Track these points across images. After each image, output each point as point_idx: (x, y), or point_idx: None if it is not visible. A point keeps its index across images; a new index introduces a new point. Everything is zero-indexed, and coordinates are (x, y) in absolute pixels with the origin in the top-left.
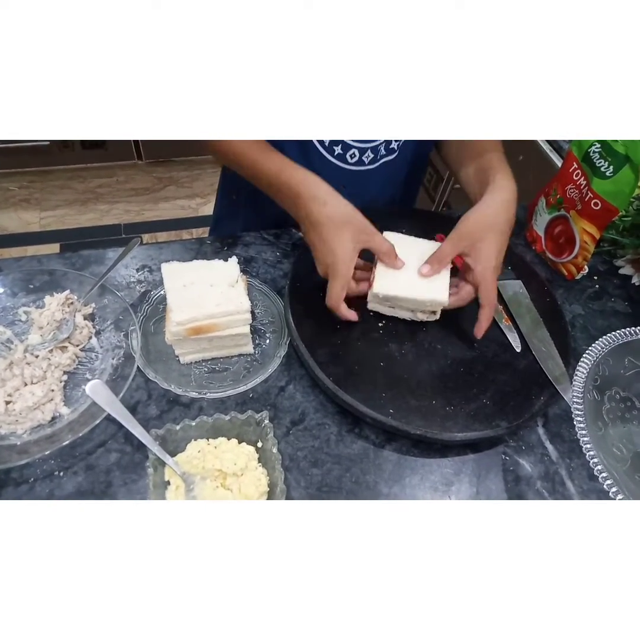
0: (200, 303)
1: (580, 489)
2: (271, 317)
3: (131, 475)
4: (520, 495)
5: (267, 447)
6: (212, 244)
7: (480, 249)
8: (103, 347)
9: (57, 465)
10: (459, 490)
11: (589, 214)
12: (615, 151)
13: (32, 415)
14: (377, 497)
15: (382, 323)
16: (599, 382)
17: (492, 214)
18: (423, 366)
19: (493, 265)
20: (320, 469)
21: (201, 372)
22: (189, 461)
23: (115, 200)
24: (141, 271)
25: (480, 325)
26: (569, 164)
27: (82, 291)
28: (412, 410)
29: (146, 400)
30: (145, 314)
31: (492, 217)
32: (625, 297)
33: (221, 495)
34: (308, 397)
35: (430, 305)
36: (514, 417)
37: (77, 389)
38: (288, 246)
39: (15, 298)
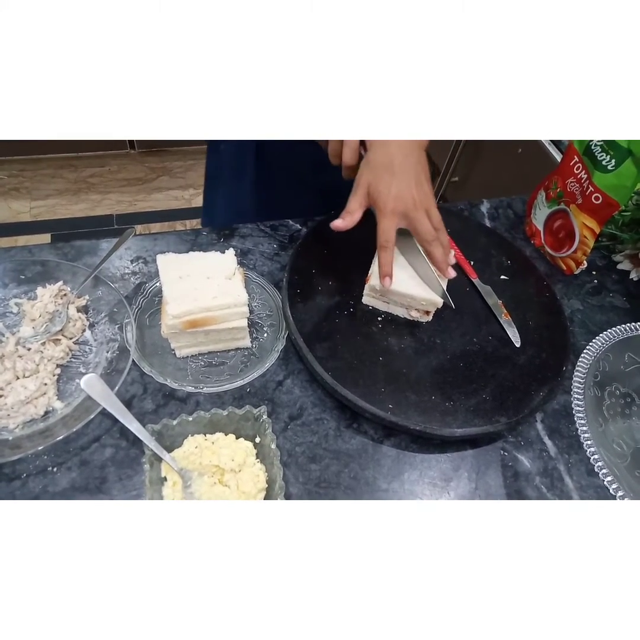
0: (197, 296)
1: (578, 484)
2: (269, 310)
3: (126, 470)
4: (519, 490)
5: (265, 443)
6: (208, 235)
7: (375, 192)
8: (97, 340)
9: (50, 460)
10: (458, 486)
11: (589, 208)
12: (618, 145)
13: (25, 409)
14: (376, 493)
15: (381, 317)
16: (599, 378)
17: (375, 157)
18: (422, 361)
19: (389, 210)
20: (319, 465)
21: (197, 366)
22: (186, 457)
23: (107, 190)
24: (136, 262)
25: (380, 270)
26: (569, 158)
27: (76, 282)
28: (411, 405)
29: (142, 395)
30: (140, 307)
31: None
32: (623, 293)
33: (219, 492)
34: (306, 392)
35: (424, 305)
36: (514, 412)
37: (70, 382)
38: (285, 238)
39: (6, 289)
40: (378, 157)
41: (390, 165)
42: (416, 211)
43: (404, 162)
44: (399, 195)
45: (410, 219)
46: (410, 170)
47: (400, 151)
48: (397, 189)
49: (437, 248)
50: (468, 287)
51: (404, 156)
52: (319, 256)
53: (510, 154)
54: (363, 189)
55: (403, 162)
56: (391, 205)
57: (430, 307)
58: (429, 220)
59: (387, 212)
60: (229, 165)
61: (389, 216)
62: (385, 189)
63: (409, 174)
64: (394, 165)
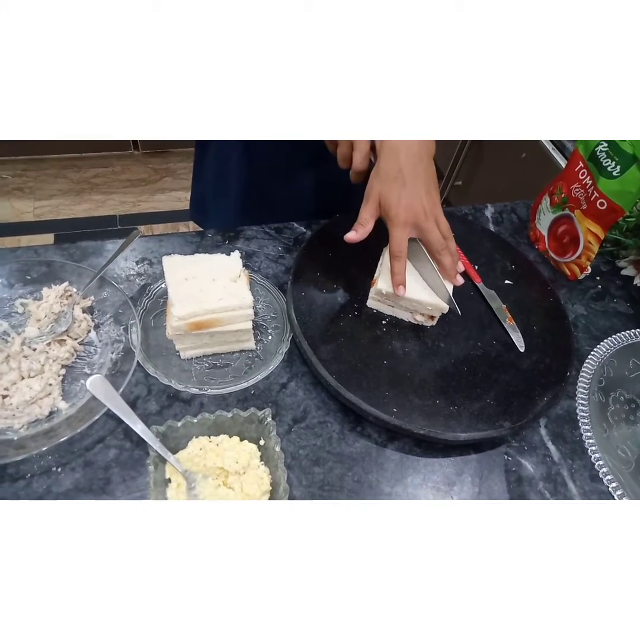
0: (202, 298)
1: (582, 490)
2: (273, 313)
3: (130, 472)
4: (522, 495)
5: (269, 445)
6: (213, 237)
7: (386, 203)
8: (102, 341)
9: (54, 461)
10: (461, 490)
11: (594, 213)
12: (623, 151)
13: (30, 409)
14: (379, 497)
15: (386, 321)
16: (603, 384)
17: (384, 167)
18: (426, 365)
19: (401, 221)
20: (322, 468)
21: (202, 368)
22: (190, 459)
23: (111, 190)
24: (141, 264)
25: (393, 278)
26: (574, 163)
27: (81, 283)
28: (415, 409)
29: (146, 396)
30: (145, 308)
31: (388, 169)
32: (627, 298)
33: (223, 494)
34: (310, 395)
35: (430, 309)
36: (518, 417)
37: (75, 383)
38: (290, 241)
39: (12, 289)
40: (387, 168)
41: (400, 175)
42: (427, 222)
43: (412, 172)
44: (409, 206)
45: (421, 229)
46: (420, 179)
47: (409, 160)
48: (407, 200)
49: (446, 257)
50: (472, 292)
51: (412, 165)
52: (324, 259)
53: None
54: (374, 200)
55: (412, 172)
56: (402, 216)
57: (436, 312)
58: (438, 229)
59: (399, 223)
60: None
61: (400, 227)
62: (395, 200)
63: (418, 184)
64: (403, 175)
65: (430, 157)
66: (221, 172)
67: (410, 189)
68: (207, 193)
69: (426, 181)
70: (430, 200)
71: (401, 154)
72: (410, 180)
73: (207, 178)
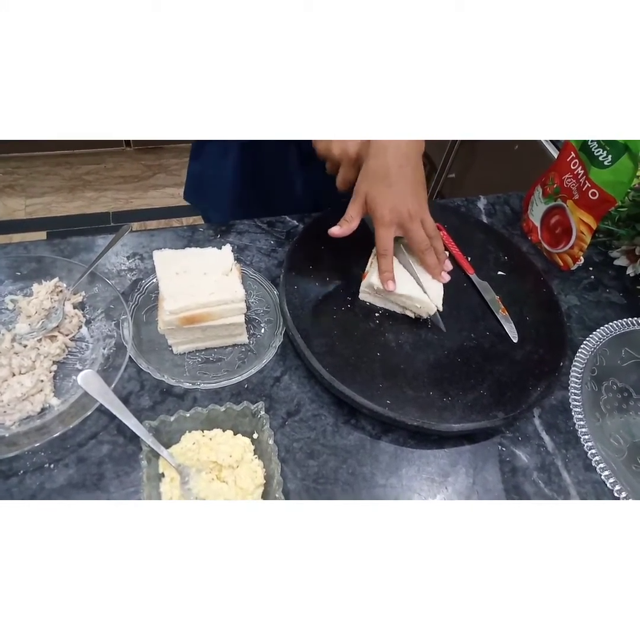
0: (194, 292)
1: (576, 479)
2: (266, 306)
3: (124, 467)
4: (517, 486)
5: (263, 439)
6: (205, 231)
7: (372, 202)
8: (94, 336)
9: (47, 457)
10: (456, 482)
11: (586, 204)
12: (615, 140)
13: (21, 406)
14: (374, 489)
15: (379, 313)
16: (596, 373)
17: (372, 166)
18: (420, 357)
19: (386, 221)
20: (317, 461)
21: (195, 363)
22: (183, 453)
23: (103, 187)
24: (132, 259)
25: (380, 275)
26: (566, 153)
27: (72, 279)
28: (409, 401)
29: (139, 391)
30: (136, 303)
31: (376, 169)
32: (620, 288)
33: (217, 488)
34: (304, 388)
35: (419, 308)
36: (511, 407)
37: (67, 379)
38: (282, 234)
39: (2, 286)
40: (375, 167)
41: (387, 176)
42: (411, 222)
43: (400, 172)
44: (395, 207)
45: (406, 229)
46: (406, 180)
47: (397, 161)
48: (393, 201)
49: (430, 256)
50: (465, 283)
51: (399, 166)
52: (316, 252)
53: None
54: (361, 198)
55: (399, 172)
56: (388, 217)
57: (423, 312)
58: (423, 229)
59: (384, 223)
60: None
61: (386, 227)
62: (382, 201)
63: (404, 185)
64: (390, 176)
65: (419, 156)
66: (225, 149)
67: (396, 190)
68: (205, 170)
69: (413, 181)
70: (416, 201)
71: (389, 153)
72: (396, 181)
73: (206, 156)
